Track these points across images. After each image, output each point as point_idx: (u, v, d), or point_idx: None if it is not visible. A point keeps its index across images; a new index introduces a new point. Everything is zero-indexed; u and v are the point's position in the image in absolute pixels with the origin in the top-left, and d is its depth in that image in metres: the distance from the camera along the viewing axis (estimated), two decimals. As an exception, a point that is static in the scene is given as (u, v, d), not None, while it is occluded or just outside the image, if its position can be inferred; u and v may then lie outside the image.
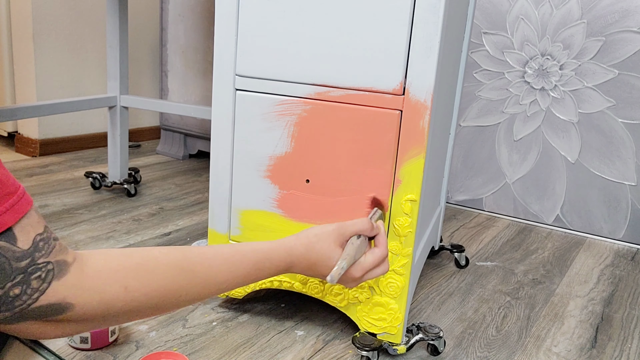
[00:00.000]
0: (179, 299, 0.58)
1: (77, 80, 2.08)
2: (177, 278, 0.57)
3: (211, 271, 0.61)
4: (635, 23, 1.45)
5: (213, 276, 0.61)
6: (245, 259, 0.65)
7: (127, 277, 0.53)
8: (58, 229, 1.34)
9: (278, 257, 0.70)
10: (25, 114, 1.36)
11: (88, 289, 0.50)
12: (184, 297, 0.58)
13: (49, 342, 0.88)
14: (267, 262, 0.68)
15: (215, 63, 0.91)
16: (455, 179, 1.78)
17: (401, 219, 0.85)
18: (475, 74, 1.69)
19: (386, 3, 0.79)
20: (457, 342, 0.98)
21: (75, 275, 0.49)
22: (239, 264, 0.65)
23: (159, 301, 0.56)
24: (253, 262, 0.66)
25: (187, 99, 2.08)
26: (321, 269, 0.74)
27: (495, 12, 1.63)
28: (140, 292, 0.54)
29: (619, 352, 1.00)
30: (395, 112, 0.82)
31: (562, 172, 1.60)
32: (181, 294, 0.58)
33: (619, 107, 1.50)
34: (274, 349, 0.91)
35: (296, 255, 0.72)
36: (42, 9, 1.92)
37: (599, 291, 1.24)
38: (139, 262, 0.55)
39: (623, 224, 1.55)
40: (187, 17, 2.01)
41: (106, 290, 0.51)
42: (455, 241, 1.47)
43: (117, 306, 0.52)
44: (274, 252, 0.70)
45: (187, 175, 1.93)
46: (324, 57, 0.84)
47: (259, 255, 0.67)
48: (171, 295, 0.57)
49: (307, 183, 0.89)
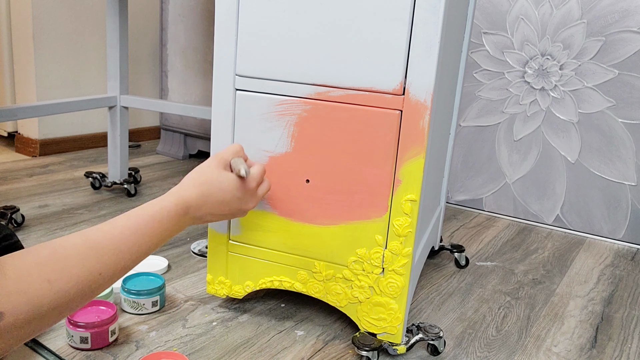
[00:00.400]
0: (101, 276, 0.59)
1: (77, 81, 2.08)
2: (89, 257, 0.58)
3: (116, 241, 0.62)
4: (635, 23, 1.45)
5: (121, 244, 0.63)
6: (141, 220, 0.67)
7: (46, 270, 0.53)
8: (58, 229, 1.34)
9: (170, 203, 0.72)
10: (25, 114, 1.36)
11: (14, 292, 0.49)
12: (105, 273, 0.59)
13: (49, 342, 0.88)
14: (164, 211, 0.70)
15: (215, 63, 0.91)
16: (455, 179, 1.78)
17: (401, 219, 0.85)
18: (475, 74, 1.69)
19: (386, 3, 0.79)
20: (457, 342, 0.98)
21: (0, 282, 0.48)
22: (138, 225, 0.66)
23: (83, 285, 0.56)
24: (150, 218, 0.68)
25: (187, 99, 2.08)
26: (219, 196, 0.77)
27: (495, 12, 1.63)
28: (63, 281, 0.54)
29: (619, 352, 1.00)
30: (395, 112, 0.82)
31: (562, 172, 1.60)
32: (100, 271, 0.58)
33: (619, 107, 1.50)
34: (274, 349, 0.91)
35: (187, 197, 0.74)
36: (42, 9, 1.92)
37: (599, 291, 1.24)
38: (51, 254, 0.55)
39: (623, 224, 1.55)
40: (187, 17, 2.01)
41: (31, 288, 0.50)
42: (455, 241, 1.47)
43: (44, 303, 0.51)
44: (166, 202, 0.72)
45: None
46: (324, 57, 0.84)
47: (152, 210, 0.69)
48: (91, 275, 0.57)
49: (307, 183, 0.89)
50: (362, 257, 0.89)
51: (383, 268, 0.88)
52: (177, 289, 1.09)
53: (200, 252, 1.26)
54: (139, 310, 0.98)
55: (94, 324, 0.86)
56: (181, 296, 1.06)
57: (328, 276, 0.92)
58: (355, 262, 0.89)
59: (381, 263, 0.88)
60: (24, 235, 1.29)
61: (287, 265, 0.94)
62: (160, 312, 1.00)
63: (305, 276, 0.94)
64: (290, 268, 0.94)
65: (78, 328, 0.86)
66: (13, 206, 1.33)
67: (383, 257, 0.87)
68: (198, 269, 1.19)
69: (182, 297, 1.06)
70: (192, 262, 1.22)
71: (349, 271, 0.90)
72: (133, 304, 0.98)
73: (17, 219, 1.32)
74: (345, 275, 0.91)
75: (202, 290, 1.09)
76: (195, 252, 1.26)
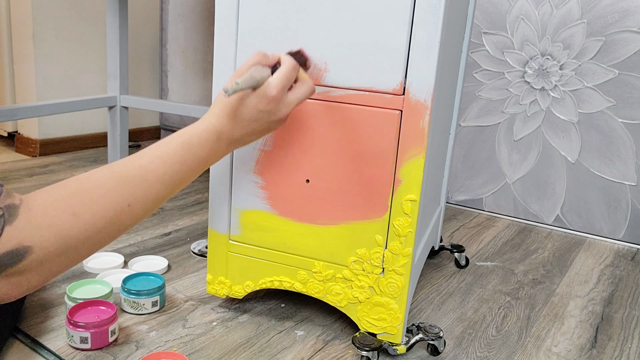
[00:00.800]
0: (130, 208, 0.57)
1: (77, 81, 2.08)
2: (118, 188, 0.56)
3: (145, 170, 0.60)
4: (635, 23, 1.45)
5: (150, 174, 0.60)
6: (170, 147, 0.64)
7: (72, 203, 0.52)
8: (58, 229, 1.34)
9: (200, 130, 0.68)
10: (25, 114, 1.37)
11: (41, 226, 0.49)
12: (133, 204, 0.57)
13: (49, 342, 0.88)
14: (195, 138, 0.67)
15: (215, 63, 0.91)
16: (455, 179, 1.78)
17: (401, 219, 0.85)
18: (475, 74, 1.69)
19: (386, 3, 0.79)
20: (457, 342, 0.98)
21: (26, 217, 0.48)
22: (168, 153, 0.63)
23: (112, 217, 0.55)
24: (180, 144, 0.65)
25: (187, 99, 2.08)
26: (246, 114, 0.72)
27: (495, 12, 1.63)
28: (89, 214, 0.53)
29: (619, 352, 1.00)
30: (395, 112, 0.82)
31: (562, 172, 1.60)
32: (128, 202, 0.57)
33: (619, 107, 1.50)
34: (274, 349, 0.91)
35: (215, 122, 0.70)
36: (42, 9, 1.92)
37: (599, 291, 1.24)
38: (77, 186, 0.54)
39: (623, 224, 1.55)
40: (187, 17, 2.01)
41: (57, 222, 0.50)
42: (455, 241, 1.47)
43: (72, 235, 0.51)
44: (195, 128, 0.68)
45: (187, 175, 1.92)
46: (324, 56, 0.84)
47: (182, 137, 0.66)
48: (119, 206, 0.55)
49: (307, 183, 0.89)
50: (362, 257, 0.89)
51: (383, 268, 0.88)
52: (177, 289, 1.09)
53: (200, 252, 1.26)
54: (139, 310, 0.98)
55: (94, 324, 0.86)
56: (181, 296, 1.06)
57: (328, 276, 0.92)
58: (355, 262, 0.89)
59: (381, 263, 0.88)
60: (24, 235, 1.28)
61: (287, 265, 0.94)
62: (160, 312, 1.00)
63: (305, 276, 0.94)
64: (290, 268, 0.94)
65: (78, 328, 0.86)
66: (13, 206, 1.33)
67: (383, 257, 0.87)
68: (198, 269, 1.19)
69: (182, 297, 1.06)
70: (192, 262, 1.22)
71: (349, 271, 0.90)
72: (133, 304, 0.98)
73: (17, 219, 1.32)
74: (345, 275, 0.91)
75: (202, 290, 1.09)
76: (195, 252, 1.27)
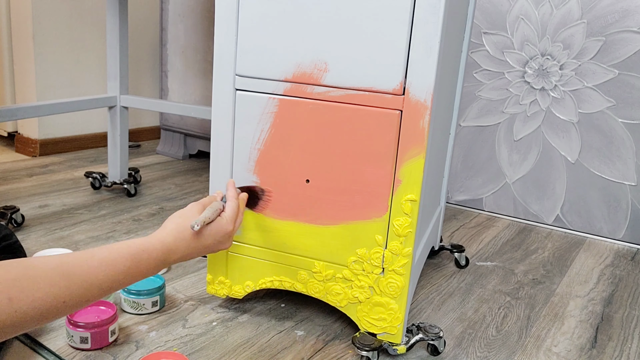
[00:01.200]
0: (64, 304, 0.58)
1: (77, 80, 2.08)
2: (58, 283, 0.58)
3: (90, 272, 0.62)
4: (635, 23, 1.45)
5: (93, 277, 0.62)
6: (120, 256, 0.67)
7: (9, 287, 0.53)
8: (58, 229, 1.34)
9: (153, 247, 0.72)
10: (25, 114, 1.37)
11: None
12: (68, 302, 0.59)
13: (49, 342, 0.88)
14: (144, 254, 0.70)
15: (215, 63, 0.91)
16: (455, 179, 1.78)
17: (401, 219, 0.85)
18: (475, 74, 1.69)
19: (386, 3, 0.79)
20: (457, 342, 0.98)
21: None
22: (116, 261, 0.66)
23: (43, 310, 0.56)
24: (130, 256, 0.68)
25: (187, 99, 2.08)
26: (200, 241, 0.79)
27: (495, 12, 1.63)
28: (24, 302, 0.54)
29: (619, 352, 1.00)
30: (395, 112, 0.82)
31: (562, 172, 1.60)
32: (64, 299, 0.58)
33: (619, 107, 1.50)
34: (274, 349, 0.91)
35: (170, 243, 0.75)
36: (42, 9, 1.92)
37: (599, 291, 1.24)
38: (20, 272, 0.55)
39: (623, 224, 1.55)
40: (187, 17, 2.01)
41: None
42: (455, 241, 1.47)
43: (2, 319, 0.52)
44: (148, 244, 0.72)
45: (187, 175, 1.93)
46: (324, 56, 0.84)
47: (134, 249, 0.69)
48: (54, 301, 0.57)
49: (307, 183, 0.89)
50: (362, 257, 0.89)
51: (383, 268, 0.88)
52: (177, 289, 1.09)
53: (200, 252, 1.26)
54: (139, 310, 0.98)
55: (94, 324, 0.86)
56: (181, 296, 1.06)
57: (328, 276, 0.92)
58: (355, 262, 0.89)
59: (381, 263, 0.88)
60: (24, 235, 1.29)
61: (287, 265, 0.94)
62: (160, 312, 1.00)
63: (305, 276, 0.94)
64: (290, 268, 0.94)
65: (78, 328, 0.86)
66: (13, 206, 1.33)
67: (383, 257, 0.87)
68: (198, 269, 1.19)
69: (182, 297, 1.06)
70: (192, 262, 1.22)
71: (349, 271, 0.90)
72: (133, 304, 0.98)
73: (17, 219, 1.32)
74: (345, 275, 0.91)
75: (202, 290, 1.09)
76: (195, 252, 1.26)
